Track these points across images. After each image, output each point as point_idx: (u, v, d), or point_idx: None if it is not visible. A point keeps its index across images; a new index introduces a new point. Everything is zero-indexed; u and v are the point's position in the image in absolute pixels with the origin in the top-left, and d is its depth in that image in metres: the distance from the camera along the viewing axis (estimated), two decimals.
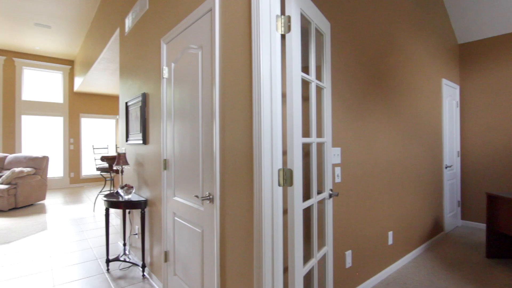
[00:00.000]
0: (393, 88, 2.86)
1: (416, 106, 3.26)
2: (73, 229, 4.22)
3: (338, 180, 2.16)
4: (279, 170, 1.34)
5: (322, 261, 1.84)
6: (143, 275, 2.68)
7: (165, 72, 2.28)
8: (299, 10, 1.44)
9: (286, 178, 1.35)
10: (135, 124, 2.93)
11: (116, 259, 2.89)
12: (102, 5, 4.69)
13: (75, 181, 8.16)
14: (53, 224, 4.48)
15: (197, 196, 1.73)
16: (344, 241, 2.24)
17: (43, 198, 5.96)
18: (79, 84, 7.31)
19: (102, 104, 8.67)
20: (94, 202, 5.77)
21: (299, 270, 1.41)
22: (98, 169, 5.31)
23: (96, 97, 8.57)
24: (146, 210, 2.70)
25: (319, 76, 1.86)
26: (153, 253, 2.59)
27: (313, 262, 1.62)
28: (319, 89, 1.83)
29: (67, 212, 5.19)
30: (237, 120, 1.48)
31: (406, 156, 3.07)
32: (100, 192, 5.59)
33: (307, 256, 1.68)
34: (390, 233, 2.77)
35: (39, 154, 6.07)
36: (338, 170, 2.16)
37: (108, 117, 8.79)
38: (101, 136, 8.72)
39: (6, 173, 5.42)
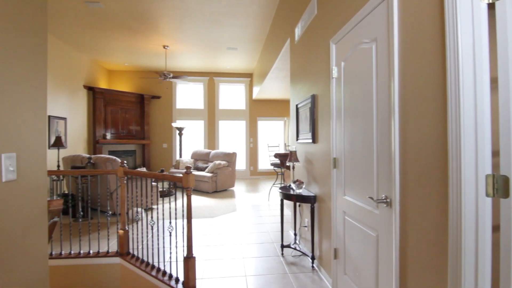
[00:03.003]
0: None
1: None
2: (253, 213, 5.05)
3: None
4: (486, 176, 1.06)
5: None
6: (312, 266, 2.84)
7: (334, 72, 2.31)
8: None
9: (498, 187, 1.05)
10: (305, 124, 3.15)
11: (288, 246, 3.21)
12: (274, 22, 5.35)
13: (253, 173, 9.78)
14: (240, 207, 5.54)
15: (371, 198, 1.65)
16: None
17: (233, 186, 7.50)
18: (256, 92, 8.68)
19: (273, 108, 9.91)
20: (268, 192, 6.68)
21: None
22: (272, 164, 6.11)
23: (268, 102, 9.89)
24: (315, 205, 2.85)
25: None
26: (322, 248, 2.69)
27: None
28: None
29: (249, 199, 6.28)
30: (423, 115, 1.29)
31: None
32: (273, 184, 6.40)
33: None
34: None
35: (230, 150, 7.68)
36: None
37: (278, 119, 9.95)
38: (272, 135, 9.99)
39: (211, 165, 7.21)
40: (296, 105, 3.51)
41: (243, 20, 5.58)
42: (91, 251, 3.00)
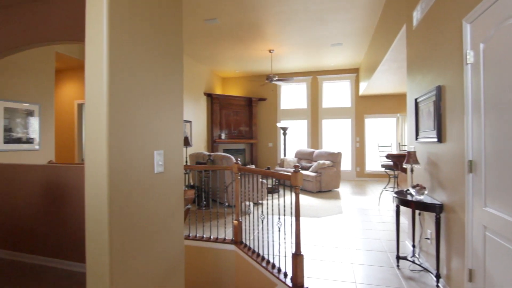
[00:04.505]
0: None
1: None
2: (361, 217, 4.73)
3: None
4: None
5: None
6: (437, 286, 2.45)
7: (470, 57, 1.92)
8: None
9: None
10: (427, 121, 2.74)
11: (405, 258, 2.87)
12: (385, 10, 4.85)
13: (360, 175, 9.16)
14: (346, 209, 5.29)
15: None
16: None
17: (337, 187, 7.23)
18: (363, 88, 8.10)
19: (383, 104, 9.02)
20: (379, 196, 6.14)
21: None
22: (382, 166, 5.58)
23: (377, 98, 9.06)
24: (442, 215, 2.44)
25: None
26: (451, 266, 2.29)
27: None
28: None
29: (355, 201, 5.92)
30: None
31: None
32: (385, 188, 5.84)
33: None
34: None
35: (334, 150, 7.43)
36: None
37: (389, 116, 8.99)
38: (382, 134, 9.10)
39: (314, 164, 7.15)
40: (415, 99, 3.09)
41: (348, 14, 5.29)
42: (211, 236, 3.45)
